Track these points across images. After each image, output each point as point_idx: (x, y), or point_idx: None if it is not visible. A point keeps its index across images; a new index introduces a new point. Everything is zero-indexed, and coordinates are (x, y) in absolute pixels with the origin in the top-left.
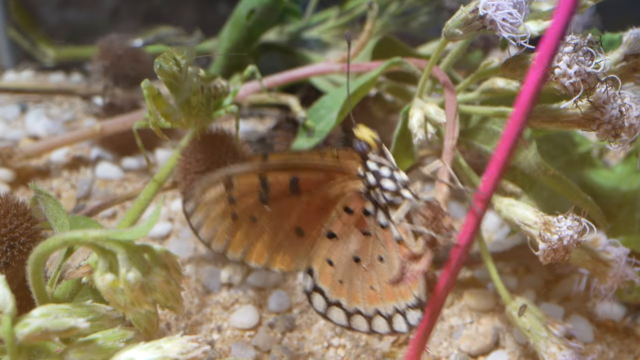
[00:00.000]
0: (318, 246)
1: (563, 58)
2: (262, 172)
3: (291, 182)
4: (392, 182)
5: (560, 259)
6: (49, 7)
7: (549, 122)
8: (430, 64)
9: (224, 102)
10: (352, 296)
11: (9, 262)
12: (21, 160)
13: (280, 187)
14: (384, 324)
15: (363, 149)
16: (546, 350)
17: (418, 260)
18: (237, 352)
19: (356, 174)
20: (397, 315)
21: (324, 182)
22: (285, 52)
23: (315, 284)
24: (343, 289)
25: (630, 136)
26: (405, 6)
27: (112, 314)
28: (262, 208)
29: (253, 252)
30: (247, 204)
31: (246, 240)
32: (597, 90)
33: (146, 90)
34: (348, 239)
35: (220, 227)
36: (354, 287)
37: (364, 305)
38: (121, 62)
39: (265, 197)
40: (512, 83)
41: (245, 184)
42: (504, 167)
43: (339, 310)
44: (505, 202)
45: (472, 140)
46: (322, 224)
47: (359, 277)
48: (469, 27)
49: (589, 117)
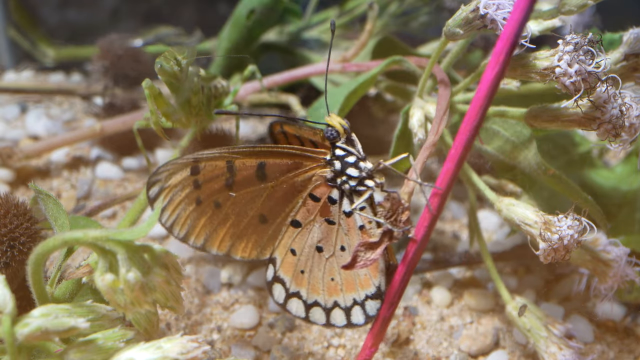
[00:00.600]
0: (282, 235)
1: (564, 57)
2: (229, 157)
3: (258, 167)
4: (357, 170)
5: (561, 258)
6: (49, 7)
7: (549, 122)
8: (430, 63)
9: (225, 102)
10: (313, 287)
11: (9, 262)
12: (21, 160)
13: (247, 173)
14: (341, 317)
15: (332, 135)
16: (546, 350)
17: (372, 249)
18: (237, 352)
19: (324, 160)
20: (356, 307)
21: (292, 168)
22: (285, 52)
23: (277, 273)
24: (304, 279)
25: (630, 135)
26: (405, 6)
27: (112, 314)
28: (227, 194)
29: (216, 239)
30: (213, 189)
31: (209, 226)
32: (598, 90)
33: (147, 90)
34: (312, 228)
35: (183, 213)
36: (315, 277)
37: (324, 296)
38: (121, 62)
39: (231, 182)
40: (512, 83)
41: (212, 169)
42: (459, 162)
43: (299, 302)
44: (505, 202)
45: None
46: (287, 212)
47: (321, 268)
48: (470, 27)
49: (590, 117)
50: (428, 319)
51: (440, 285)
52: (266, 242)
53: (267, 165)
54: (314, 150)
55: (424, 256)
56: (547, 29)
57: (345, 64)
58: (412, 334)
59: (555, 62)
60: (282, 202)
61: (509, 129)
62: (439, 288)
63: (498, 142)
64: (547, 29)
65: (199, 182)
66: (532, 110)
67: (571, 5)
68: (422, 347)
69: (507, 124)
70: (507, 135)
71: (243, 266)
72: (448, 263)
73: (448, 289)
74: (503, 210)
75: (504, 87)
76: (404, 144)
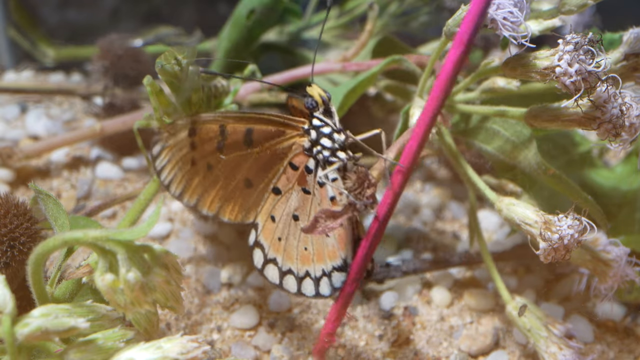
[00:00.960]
0: (264, 201)
1: (564, 57)
2: (222, 121)
3: (246, 132)
4: (330, 141)
5: (561, 258)
6: (49, 7)
7: (549, 121)
8: (431, 62)
9: (225, 102)
10: (288, 255)
11: (9, 262)
12: (21, 160)
13: (236, 137)
14: (311, 287)
15: (312, 105)
16: (546, 350)
17: (334, 218)
18: (237, 352)
19: (303, 129)
20: (324, 277)
21: (275, 135)
22: (285, 52)
23: (258, 238)
24: (281, 246)
25: (630, 135)
26: (405, 6)
27: (112, 314)
28: (218, 156)
29: (207, 199)
30: (206, 151)
31: (201, 187)
32: (598, 89)
33: (149, 87)
34: (291, 196)
35: (180, 172)
36: (290, 245)
37: (297, 265)
38: (121, 62)
39: (222, 145)
40: (512, 82)
41: (207, 132)
42: (422, 140)
43: (274, 268)
44: (505, 202)
45: (473, 139)
46: (270, 178)
47: (296, 236)
48: None
49: (590, 116)
50: (428, 319)
51: (440, 285)
52: (250, 206)
53: (254, 131)
54: (295, 119)
55: (424, 256)
56: (547, 28)
57: (345, 63)
58: (412, 334)
59: (555, 61)
60: (266, 168)
61: (509, 129)
62: (439, 288)
63: (498, 142)
64: (547, 29)
65: (195, 144)
66: (532, 110)
67: (571, 5)
68: (422, 347)
69: (507, 123)
70: (507, 135)
71: (243, 266)
72: (448, 263)
73: (448, 289)
74: (503, 210)
75: (505, 86)
76: None
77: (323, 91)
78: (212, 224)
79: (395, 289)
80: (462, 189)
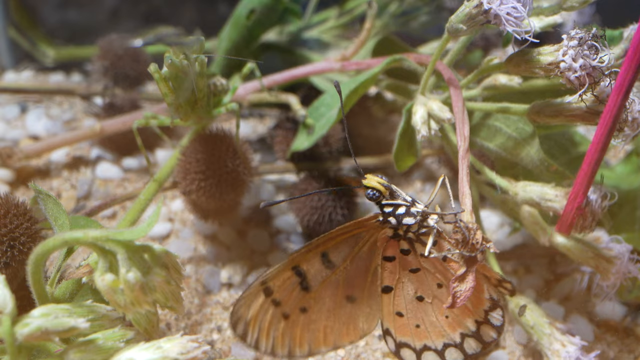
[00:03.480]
0: (378, 304)
1: (568, 52)
2: (292, 264)
3: (322, 257)
4: (411, 217)
5: (589, 226)
6: (49, 7)
7: (552, 117)
8: (433, 59)
9: (224, 100)
10: (433, 333)
11: (9, 262)
12: (21, 160)
13: (315, 269)
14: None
15: (375, 196)
16: (549, 347)
17: (463, 280)
18: (237, 352)
19: (378, 222)
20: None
21: (353, 243)
22: (285, 52)
23: (397, 340)
24: (422, 331)
25: (633, 130)
26: (405, 6)
27: (112, 314)
28: (308, 296)
29: (319, 339)
30: (293, 298)
31: (307, 332)
32: (601, 84)
33: (157, 74)
34: (403, 285)
35: (277, 333)
36: (431, 324)
37: (446, 335)
38: (121, 62)
39: (306, 285)
40: (514, 79)
41: (282, 282)
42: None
43: (428, 354)
44: (520, 184)
45: (475, 137)
46: (370, 281)
47: (430, 313)
48: (473, 22)
49: (593, 111)
50: None
51: None
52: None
53: (329, 252)
54: (365, 220)
55: None
56: (549, 25)
57: (345, 63)
58: None
59: (560, 57)
60: (361, 277)
61: (511, 126)
62: None
63: (500, 139)
64: (549, 26)
65: (277, 300)
66: (535, 105)
67: (573, 1)
68: None
69: (509, 120)
70: (509, 132)
71: (243, 266)
72: None
73: None
74: (519, 193)
75: (506, 83)
76: (406, 141)
77: (380, 178)
78: (212, 224)
79: None
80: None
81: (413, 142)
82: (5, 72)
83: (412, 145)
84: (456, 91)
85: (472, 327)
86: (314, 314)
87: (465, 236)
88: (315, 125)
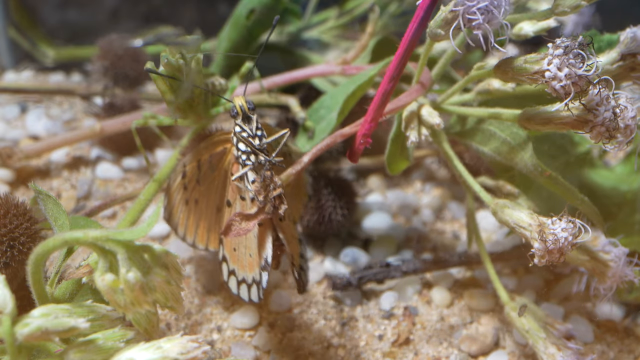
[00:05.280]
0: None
1: (553, 61)
2: (199, 156)
3: (210, 159)
4: (245, 145)
5: (556, 261)
6: (49, 7)
7: (542, 124)
8: (420, 65)
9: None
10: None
11: (9, 262)
12: (21, 160)
13: (205, 167)
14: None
15: (233, 113)
16: (545, 351)
17: (248, 220)
18: (237, 352)
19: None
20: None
21: (222, 153)
22: (285, 53)
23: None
24: (235, 257)
25: (626, 137)
26: (405, 6)
27: (112, 314)
28: (199, 190)
29: (199, 234)
30: (192, 188)
31: (194, 223)
32: (590, 92)
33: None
34: (235, 206)
35: (181, 215)
36: (241, 254)
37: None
38: (121, 62)
39: (199, 178)
40: (507, 84)
41: (190, 170)
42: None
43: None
44: (500, 204)
45: (470, 141)
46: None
47: (243, 244)
48: (450, 27)
49: (582, 119)
50: (428, 319)
51: (440, 285)
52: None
53: (213, 156)
54: (227, 133)
55: (424, 256)
56: (542, 29)
57: (345, 67)
58: (412, 334)
59: (545, 65)
60: (223, 187)
61: (505, 130)
62: (439, 288)
63: (494, 144)
64: (542, 30)
65: (186, 185)
66: (525, 112)
67: (565, 6)
68: (422, 347)
69: (503, 125)
70: (503, 136)
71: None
72: (448, 263)
73: (448, 289)
74: (498, 213)
75: (500, 88)
76: (398, 146)
77: (245, 101)
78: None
79: (395, 289)
80: (462, 189)
81: (405, 146)
82: (5, 72)
83: (404, 149)
84: (416, 88)
85: (257, 277)
86: (200, 210)
87: (265, 185)
88: (315, 129)
